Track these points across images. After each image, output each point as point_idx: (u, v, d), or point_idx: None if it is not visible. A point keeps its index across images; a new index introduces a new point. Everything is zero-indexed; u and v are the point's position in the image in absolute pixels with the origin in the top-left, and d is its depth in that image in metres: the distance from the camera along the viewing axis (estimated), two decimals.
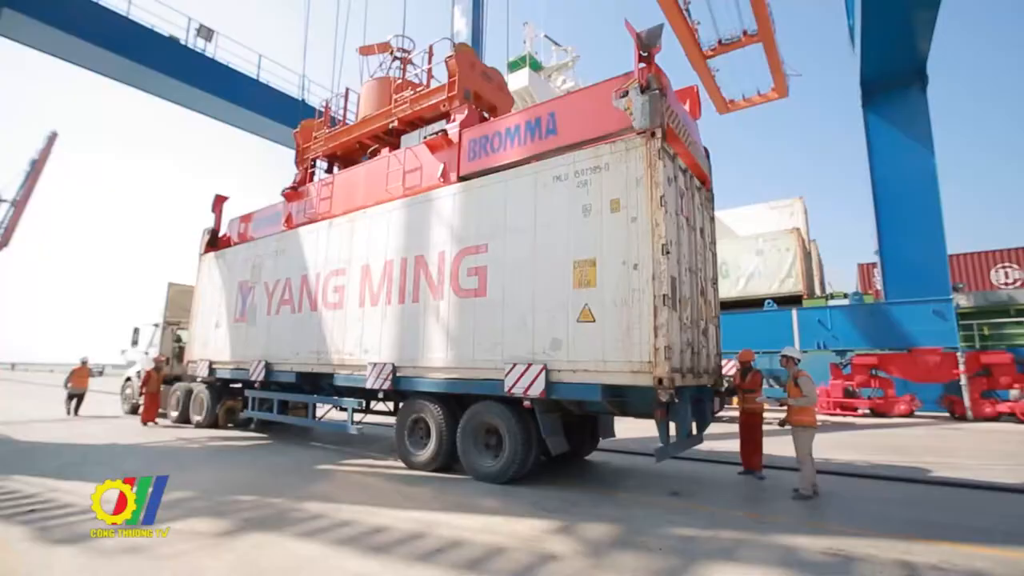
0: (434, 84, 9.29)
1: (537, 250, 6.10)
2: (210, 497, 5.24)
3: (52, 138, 39.33)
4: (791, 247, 19.53)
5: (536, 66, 31.13)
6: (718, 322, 7.03)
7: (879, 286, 21.93)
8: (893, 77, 15.73)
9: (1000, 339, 16.17)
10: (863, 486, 6.24)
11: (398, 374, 7.18)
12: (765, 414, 6.94)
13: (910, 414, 13.96)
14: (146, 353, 13.25)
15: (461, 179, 7.32)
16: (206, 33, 16.53)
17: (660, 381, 4.94)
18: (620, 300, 5.33)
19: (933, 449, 8.92)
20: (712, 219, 7.21)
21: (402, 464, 7.13)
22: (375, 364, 7.39)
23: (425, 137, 7.99)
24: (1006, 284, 19.96)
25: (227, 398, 10.89)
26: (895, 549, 3.89)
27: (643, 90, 5.60)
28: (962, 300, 15.79)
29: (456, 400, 6.80)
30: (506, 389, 5.89)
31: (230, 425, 10.92)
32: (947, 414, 13.84)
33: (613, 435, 7.65)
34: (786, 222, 21.24)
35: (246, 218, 11.68)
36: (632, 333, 5.19)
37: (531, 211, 6.24)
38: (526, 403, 5.86)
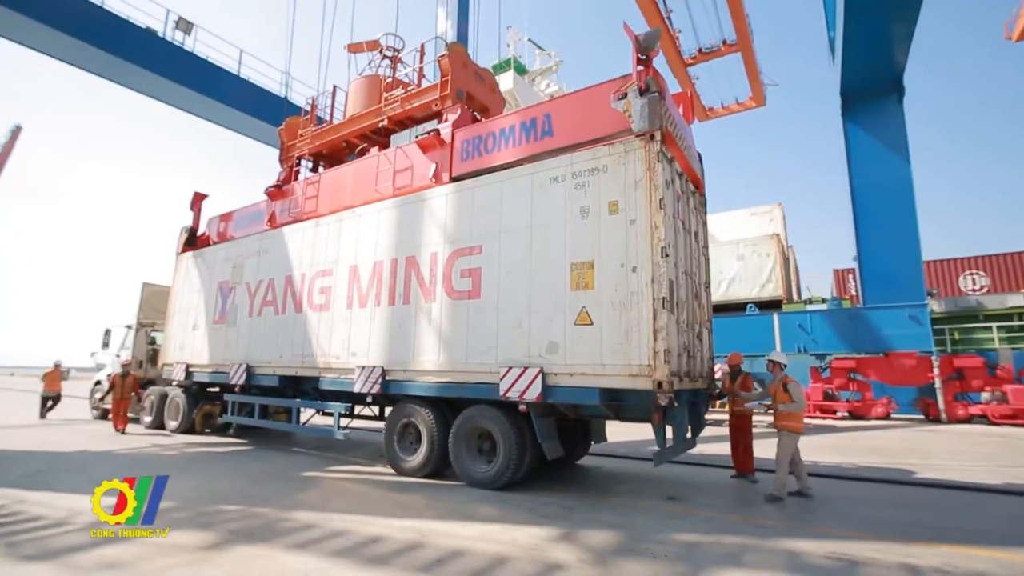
0: (425, 84, 9.16)
1: (533, 252, 6.01)
2: (192, 507, 4.99)
3: (16, 132, 37.75)
4: (771, 252, 19.90)
5: (521, 69, 31.20)
6: (711, 326, 7.05)
7: (854, 291, 22.53)
8: (872, 88, 16.19)
9: (970, 343, 16.74)
10: (853, 488, 6.31)
11: (387, 377, 7.01)
12: (757, 418, 6.97)
13: (887, 416, 14.32)
14: (117, 356, 12.74)
15: (453, 180, 7.20)
16: (185, 26, 16.02)
17: (659, 385, 4.90)
18: (618, 303, 5.27)
19: (914, 451, 9.12)
20: (705, 224, 7.24)
21: (391, 470, 6.95)
22: (363, 367, 7.19)
23: (417, 136, 7.85)
24: (973, 290, 20.70)
25: (204, 402, 10.50)
26: (896, 552, 3.90)
27: (642, 92, 5.57)
28: (934, 305, 16.31)
29: (447, 404, 6.66)
30: (501, 393, 5.77)
31: (207, 431, 10.53)
32: (922, 416, 14.23)
33: (605, 439, 7.59)
34: (765, 228, 21.63)
35: (226, 217, 11.33)
36: (631, 336, 5.13)
37: (527, 212, 6.15)
38: (521, 407, 5.75)
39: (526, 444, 5.89)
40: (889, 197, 15.98)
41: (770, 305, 18.72)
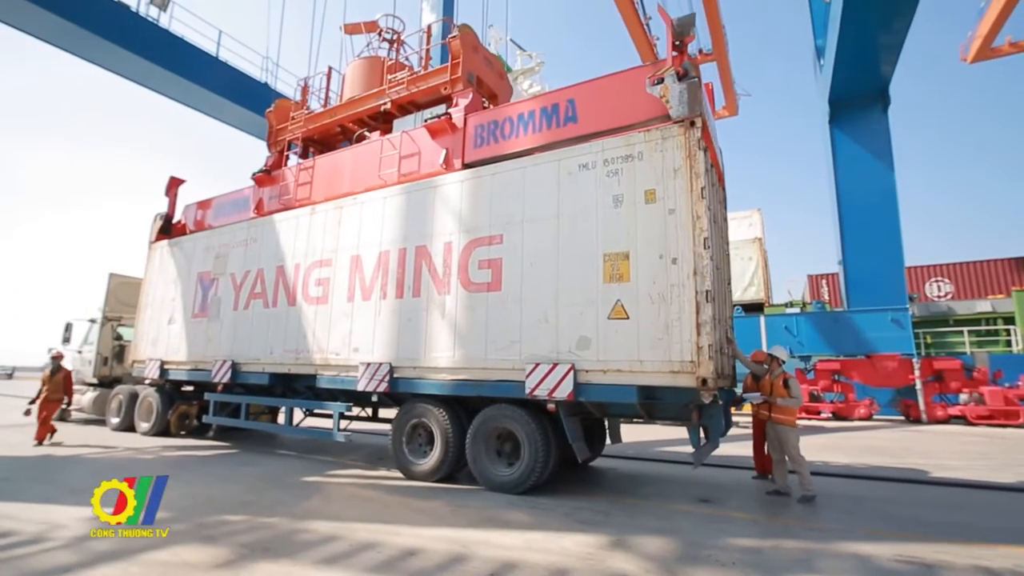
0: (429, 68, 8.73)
1: (561, 242, 5.69)
2: (190, 518, 4.43)
3: None
4: (754, 256, 20.26)
5: (506, 68, 30.97)
6: (732, 322, 6.88)
7: (827, 296, 23.14)
8: (860, 97, 16.57)
9: (941, 347, 17.37)
10: (875, 488, 6.23)
11: (396, 375, 6.55)
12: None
13: (869, 417, 14.62)
14: (79, 352, 11.77)
15: (466, 166, 6.83)
16: (160, 1, 15.04)
17: (704, 382, 4.66)
18: (657, 295, 5.01)
19: (911, 450, 9.22)
20: (726, 219, 7.08)
21: (396, 474, 6.51)
22: (368, 364, 6.71)
23: (425, 120, 7.44)
24: (939, 296, 21.58)
25: (180, 402, 9.71)
26: (961, 553, 3.76)
27: (680, 77, 5.35)
28: (912, 310, 16.87)
29: (461, 403, 6.27)
30: (527, 391, 5.43)
31: (183, 433, 9.74)
32: (902, 417, 14.61)
33: (620, 439, 7.33)
34: (745, 232, 22.02)
35: (204, 204, 10.59)
36: (672, 331, 4.87)
37: (554, 200, 5.83)
38: (550, 406, 5.42)
39: (551, 445, 5.55)
40: (873, 204, 16.41)
41: (752, 308, 19.02)
